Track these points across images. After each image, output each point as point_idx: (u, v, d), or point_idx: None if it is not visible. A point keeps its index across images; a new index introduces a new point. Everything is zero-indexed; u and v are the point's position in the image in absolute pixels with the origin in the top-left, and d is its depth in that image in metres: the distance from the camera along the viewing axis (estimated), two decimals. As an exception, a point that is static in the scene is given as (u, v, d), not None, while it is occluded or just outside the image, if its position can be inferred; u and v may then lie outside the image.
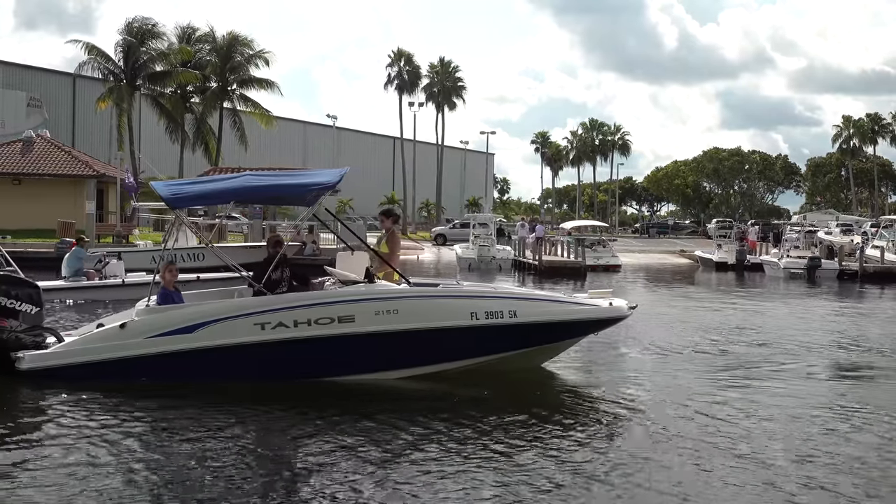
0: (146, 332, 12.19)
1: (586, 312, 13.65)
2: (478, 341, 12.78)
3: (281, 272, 12.99)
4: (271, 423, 10.79)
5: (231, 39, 70.48)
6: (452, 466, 8.95)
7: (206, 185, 14.82)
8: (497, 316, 12.70)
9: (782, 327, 22.04)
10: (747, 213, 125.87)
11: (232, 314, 12.27)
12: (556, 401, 12.59)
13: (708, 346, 18.03)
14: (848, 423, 11.29)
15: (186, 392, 11.73)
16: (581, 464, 9.13)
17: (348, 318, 12.25)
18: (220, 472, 8.73)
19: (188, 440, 9.85)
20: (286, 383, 12.29)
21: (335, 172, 14.02)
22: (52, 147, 56.27)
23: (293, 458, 9.40)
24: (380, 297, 12.52)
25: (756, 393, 13.18)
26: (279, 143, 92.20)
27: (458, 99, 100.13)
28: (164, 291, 12.77)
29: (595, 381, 14.12)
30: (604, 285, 37.68)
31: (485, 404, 11.89)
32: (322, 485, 8.38)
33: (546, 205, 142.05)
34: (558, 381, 13.81)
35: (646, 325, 20.21)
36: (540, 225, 64.89)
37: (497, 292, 14.05)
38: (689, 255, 62.85)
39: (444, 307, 12.77)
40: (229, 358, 12.11)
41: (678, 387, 13.38)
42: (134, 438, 9.89)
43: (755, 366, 15.75)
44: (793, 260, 45.86)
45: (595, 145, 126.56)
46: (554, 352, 14.11)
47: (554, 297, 14.47)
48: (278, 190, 14.30)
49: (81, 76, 68.37)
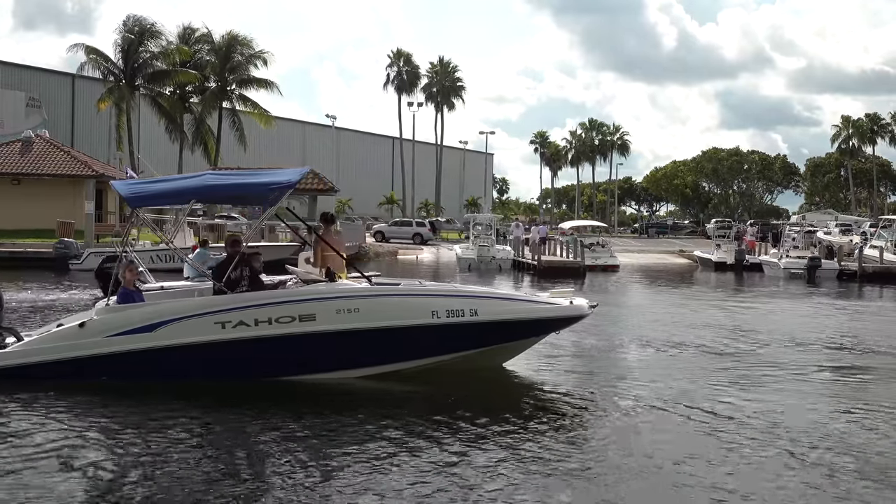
0: (106, 330, 12.19)
1: (546, 311, 13.68)
2: (439, 340, 12.82)
3: (241, 271, 12.91)
4: (227, 424, 10.74)
5: (230, 39, 70.42)
6: (412, 466, 8.97)
7: (166, 184, 14.84)
8: (458, 314, 12.73)
9: (788, 327, 22.10)
10: (746, 213, 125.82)
11: (192, 313, 12.27)
12: (534, 401, 12.61)
13: (710, 346, 18.05)
14: (847, 421, 11.31)
15: (144, 392, 11.73)
16: (548, 462, 9.20)
17: (309, 316, 12.29)
18: (180, 471, 8.75)
19: (149, 440, 9.84)
20: (247, 383, 12.27)
21: (295, 172, 14.12)
22: (52, 147, 56.23)
23: (244, 458, 9.40)
24: (341, 296, 12.59)
25: (756, 392, 13.17)
26: (278, 144, 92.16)
27: (458, 99, 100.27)
28: (123, 291, 12.68)
29: (572, 379, 14.24)
30: (602, 285, 37.78)
31: (446, 403, 11.93)
32: (274, 485, 8.41)
33: (545, 205, 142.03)
34: (532, 381, 13.90)
35: (646, 324, 20.26)
36: (542, 225, 64.95)
37: (458, 291, 14.10)
38: (688, 256, 62.83)
39: (405, 306, 12.82)
40: (190, 357, 12.10)
41: (674, 386, 13.39)
42: (96, 438, 9.91)
43: (756, 365, 15.80)
44: (793, 260, 45.85)
45: (594, 145, 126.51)
46: (515, 351, 14.16)
47: (515, 296, 14.56)
48: (238, 189, 14.29)
49: (80, 76, 68.24)
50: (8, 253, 40.09)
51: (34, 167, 53.07)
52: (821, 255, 45.91)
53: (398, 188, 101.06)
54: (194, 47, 70.16)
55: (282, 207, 14.71)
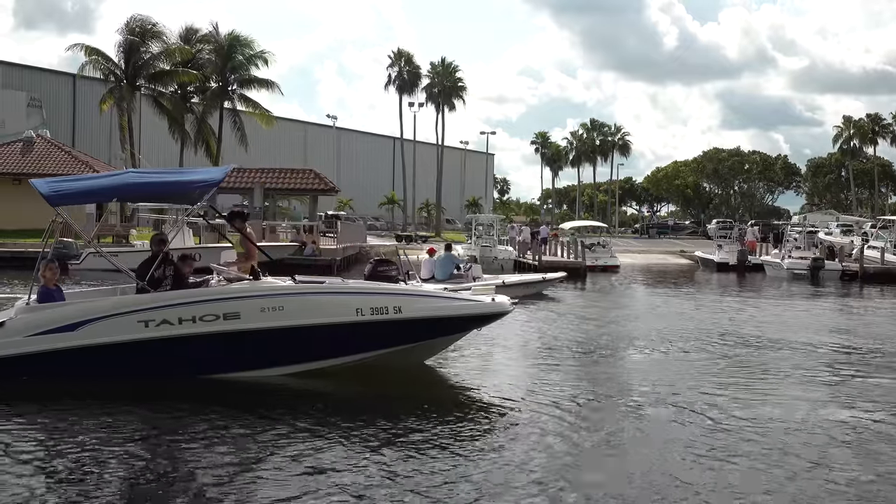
0: (26, 330, 12.04)
1: (469, 308, 13.74)
2: (363, 337, 12.83)
3: (164, 270, 12.83)
4: (151, 423, 10.64)
5: (231, 40, 70.41)
6: (338, 465, 8.94)
7: (88, 182, 14.78)
8: (382, 312, 12.78)
9: (804, 327, 22.12)
10: (747, 214, 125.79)
11: (115, 312, 12.18)
12: (463, 399, 12.64)
13: (719, 347, 18.02)
14: (862, 422, 11.25)
15: (65, 394, 11.53)
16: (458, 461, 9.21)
17: (234, 315, 12.26)
18: (110, 473, 8.66)
19: (71, 443, 9.70)
20: (170, 382, 12.13)
21: (219, 170, 14.11)
22: (53, 147, 56.23)
23: (160, 462, 9.19)
24: (265, 294, 12.58)
25: (768, 393, 13.15)
26: (280, 144, 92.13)
27: (458, 99, 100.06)
28: (44, 289, 12.52)
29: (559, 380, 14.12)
30: (603, 286, 37.73)
31: (372, 402, 12.06)
32: (196, 488, 8.35)
33: (546, 205, 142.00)
34: (462, 377, 14.08)
35: (647, 325, 20.22)
36: (544, 226, 64.96)
37: (382, 289, 14.04)
38: (689, 256, 62.80)
39: (329, 303, 12.85)
40: (112, 356, 11.99)
41: (676, 388, 13.34)
42: (20, 440, 9.76)
43: (765, 367, 15.81)
44: (795, 261, 45.79)
45: (595, 145, 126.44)
46: (438, 347, 14.28)
47: (438, 293, 14.56)
48: (161, 188, 14.23)
49: (82, 76, 68.18)
50: (9, 253, 40.12)
51: (35, 167, 52.99)
52: (823, 256, 45.88)
53: (399, 188, 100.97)
54: (196, 47, 70.12)
55: (207, 206, 14.61)
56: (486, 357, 16.11)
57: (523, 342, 18.42)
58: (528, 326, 20.89)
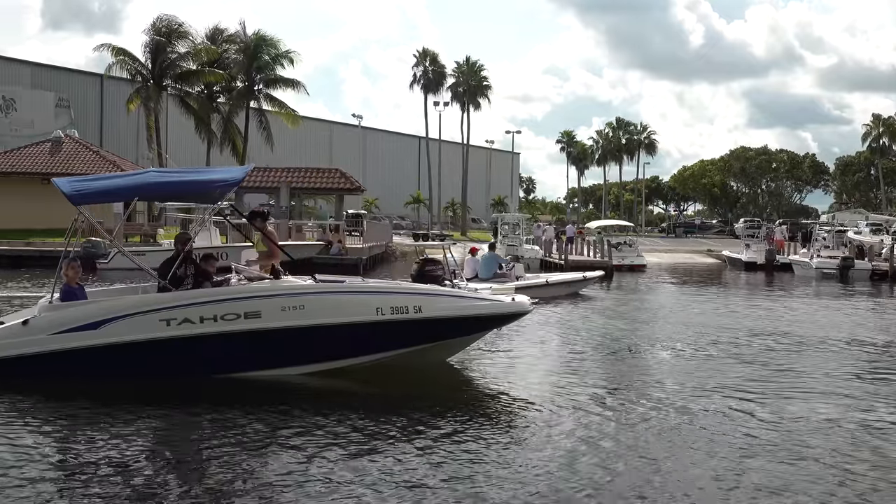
0: (49, 328, 12.10)
1: (489, 307, 13.78)
2: (383, 336, 12.85)
3: (185, 269, 12.89)
4: (173, 421, 10.67)
5: (257, 39, 70.62)
6: (358, 465, 8.92)
7: (110, 181, 14.84)
8: (402, 311, 12.80)
9: (837, 326, 21.86)
10: (775, 213, 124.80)
11: (137, 310, 12.21)
12: (480, 397, 12.50)
13: (747, 347, 17.85)
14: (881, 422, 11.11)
15: (82, 392, 11.56)
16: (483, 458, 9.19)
17: (254, 314, 12.29)
18: (124, 473, 8.65)
19: (89, 441, 9.77)
20: (192, 380, 12.14)
21: (240, 169, 14.15)
22: (81, 147, 56.58)
23: (185, 460, 9.25)
24: (286, 294, 12.60)
25: (796, 396, 12.99)
26: (305, 143, 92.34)
27: (484, 98, 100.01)
28: (66, 288, 12.59)
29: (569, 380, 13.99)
30: (629, 285, 37.53)
31: (393, 401, 12.02)
32: (217, 484, 8.36)
33: (572, 204, 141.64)
34: (479, 377, 13.99)
35: (679, 323, 20.05)
36: (570, 225, 64.81)
37: (402, 288, 14.09)
38: (716, 255, 62.42)
39: (349, 303, 12.86)
40: (134, 354, 12.02)
41: (702, 388, 13.21)
42: (43, 437, 9.82)
43: (798, 366, 15.64)
44: (824, 260, 45.34)
45: (621, 144, 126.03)
46: (458, 347, 14.28)
47: (458, 293, 14.59)
48: (181, 186, 14.29)
49: (109, 76, 68.64)
50: (38, 252, 40.37)
51: (64, 167, 53.27)
52: (852, 255, 45.42)
53: (424, 188, 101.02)
54: (222, 47, 70.38)
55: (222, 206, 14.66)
56: (510, 356, 16.00)
57: (549, 341, 18.28)
58: (554, 326, 20.78)
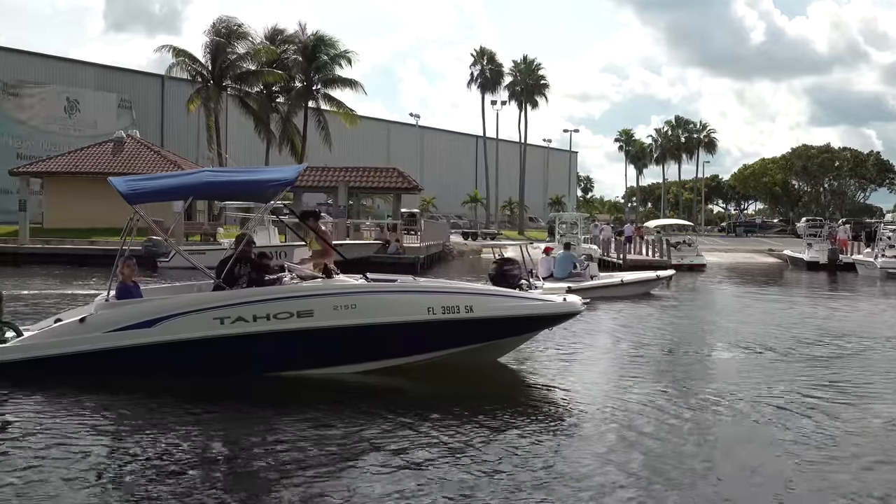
0: (106, 326, 12.24)
1: (540, 307, 13.78)
2: (435, 336, 12.83)
3: (240, 268, 12.98)
4: (225, 421, 10.72)
5: (316, 40, 71.12)
6: (415, 463, 8.90)
7: (165, 180, 15.02)
8: (453, 311, 12.79)
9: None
10: (838, 212, 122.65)
11: (191, 309, 12.33)
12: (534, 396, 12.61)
13: (813, 348, 17.49)
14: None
15: (145, 389, 11.67)
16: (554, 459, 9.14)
17: (307, 312, 12.35)
18: (183, 469, 8.68)
19: (144, 438, 9.82)
20: (245, 378, 12.21)
21: (293, 169, 14.27)
22: (142, 147, 57.47)
23: (243, 457, 9.29)
24: (338, 293, 12.65)
25: (856, 398, 12.71)
26: (363, 143, 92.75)
27: (541, 97, 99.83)
28: (122, 286, 12.75)
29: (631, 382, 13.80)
30: (688, 285, 37.11)
31: (446, 399, 11.96)
32: (273, 482, 8.37)
33: (630, 203, 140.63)
34: (535, 377, 13.93)
35: (741, 323, 19.76)
36: (628, 224, 64.36)
37: (453, 287, 14.07)
38: (777, 255, 61.50)
39: (401, 302, 12.89)
40: (188, 352, 12.12)
41: (763, 389, 12.96)
42: (99, 434, 9.90)
43: (866, 367, 15.32)
44: (890, 260, 44.36)
45: (680, 143, 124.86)
46: (509, 346, 14.22)
47: (509, 292, 14.53)
48: (235, 186, 14.49)
49: (170, 77, 69.66)
50: (101, 251, 41.03)
51: (126, 167, 54.12)
52: (918, 255, 44.41)
53: (482, 187, 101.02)
54: (280, 48, 71.01)
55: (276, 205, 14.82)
56: (566, 356, 15.84)
57: (605, 341, 18.14)
58: (611, 326, 20.62)
